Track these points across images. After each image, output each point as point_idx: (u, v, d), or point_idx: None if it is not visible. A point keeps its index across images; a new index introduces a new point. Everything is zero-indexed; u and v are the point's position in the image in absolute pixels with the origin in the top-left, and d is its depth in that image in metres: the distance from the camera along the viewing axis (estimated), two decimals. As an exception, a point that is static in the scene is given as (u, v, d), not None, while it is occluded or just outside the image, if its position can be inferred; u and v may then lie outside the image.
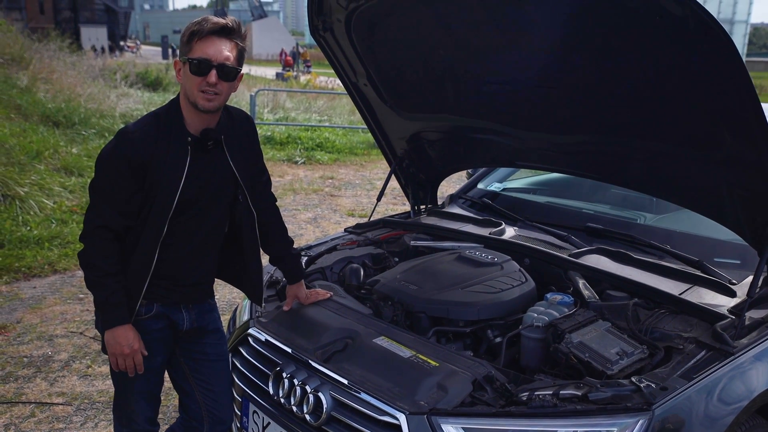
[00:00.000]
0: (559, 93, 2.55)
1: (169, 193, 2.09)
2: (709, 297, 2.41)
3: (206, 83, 2.03)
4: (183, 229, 2.17)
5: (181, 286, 2.25)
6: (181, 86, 2.11)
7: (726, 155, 2.17)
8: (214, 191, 2.20)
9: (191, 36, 2.05)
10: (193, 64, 2.03)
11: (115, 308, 2.12)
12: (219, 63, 2.04)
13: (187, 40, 2.06)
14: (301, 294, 2.55)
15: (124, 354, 2.13)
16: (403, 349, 2.19)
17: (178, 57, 2.12)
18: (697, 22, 1.81)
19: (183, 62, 2.07)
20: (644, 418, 1.82)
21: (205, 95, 2.05)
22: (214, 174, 2.18)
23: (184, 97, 2.11)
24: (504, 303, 2.45)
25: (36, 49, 16.14)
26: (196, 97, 2.06)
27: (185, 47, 2.07)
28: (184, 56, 2.07)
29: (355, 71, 3.10)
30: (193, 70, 2.03)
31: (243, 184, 2.26)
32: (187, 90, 2.08)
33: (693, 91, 2.08)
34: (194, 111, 2.10)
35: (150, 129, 2.09)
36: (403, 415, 1.92)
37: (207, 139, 2.14)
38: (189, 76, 2.05)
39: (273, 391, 2.28)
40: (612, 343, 2.16)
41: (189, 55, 2.04)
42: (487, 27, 2.47)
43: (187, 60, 2.04)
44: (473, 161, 3.55)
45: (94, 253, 2.10)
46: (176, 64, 2.11)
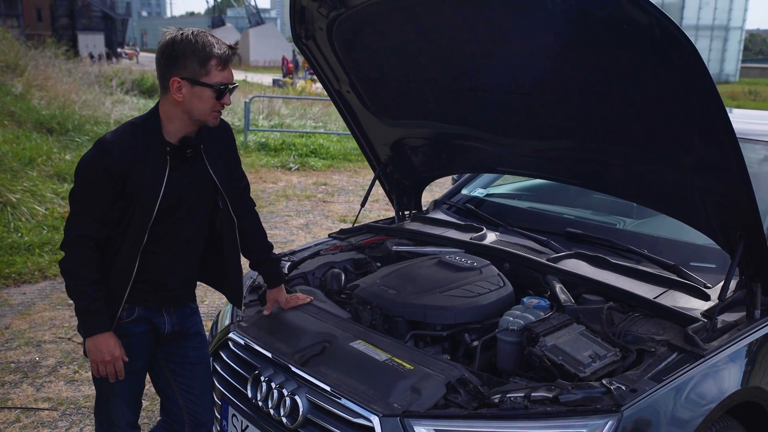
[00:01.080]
0: (538, 100, 2.58)
1: (149, 201, 2.11)
2: (683, 300, 2.44)
3: (221, 105, 2.12)
4: (164, 235, 2.19)
5: (162, 290, 2.27)
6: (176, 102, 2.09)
7: (696, 160, 2.21)
8: (194, 198, 2.22)
9: (209, 59, 2.06)
10: (220, 90, 2.09)
11: (95, 316, 2.14)
12: (233, 86, 2.14)
13: (202, 62, 2.05)
14: (281, 298, 2.58)
15: (105, 361, 2.15)
16: (379, 353, 2.21)
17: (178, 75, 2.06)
18: (662, 31, 1.85)
19: (194, 84, 2.06)
20: (613, 419, 1.85)
21: (216, 114, 2.15)
22: (194, 181, 2.21)
23: (178, 112, 2.11)
24: (481, 307, 2.48)
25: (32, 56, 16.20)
26: (207, 117, 2.12)
27: (199, 69, 2.05)
28: (196, 78, 2.06)
29: (338, 78, 3.13)
30: (217, 96, 2.09)
31: (223, 191, 2.28)
32: (194, 109, 2.10)
33: (663, 97, 2.11)
34: (187, 124, 2.14)
35: (128, 138, 2.10)
36: (377, 417, 1.95)
37: (186, 147, 2.16)
38: (205, 99, 2.08)
39: (251, 394, 2.30)
40: (585, 346, 2.19)
41: (207, 79, 2.06)
42: (465, 35, 2.51)
43: (209, 86, 2.06)
44: (456, 167, 3.59)
45: (75, 262, 2.12)
46: (175, 82, 2.06)
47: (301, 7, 2.81)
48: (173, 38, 2.07)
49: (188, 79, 2.06)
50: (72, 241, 2.12)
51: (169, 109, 2.13)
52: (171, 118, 2.13)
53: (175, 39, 2.07)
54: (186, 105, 2.09)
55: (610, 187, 2.81)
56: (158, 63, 2.12)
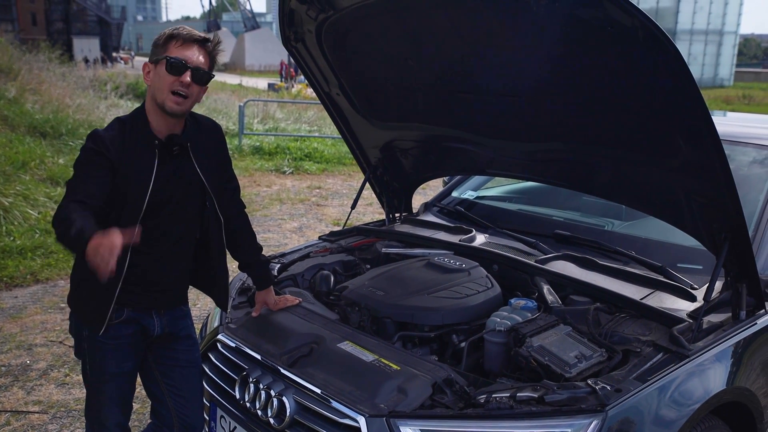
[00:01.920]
0: (527, 102, 2.59)
1: (138, 196, 2.12)
2: (670, 302, 2.45)
3: (179, 83, 2.08)
4: (153, 233, 2.18)
5: (152, 291, 2.27)
6: (149, 90, 2.15)
7: (682, 162, 2.22)
8: (181, 197, 2.23)
9: (168, 39, 2.11)
10: (170, 63, 2.07)
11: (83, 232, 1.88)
12: (194, 66, 2.11)
13: (163, 43, 2.12)
14: (270, 300, 2.58)
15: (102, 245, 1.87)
16: (366, 354, 2.22)
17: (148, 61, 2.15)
18: (645, 33, 1.86)
19: (155, 62, 2.11)
20: (597, 419, 1.86)
21: (175, 98, 2.10)
22: (181, 180, 2.22)
23: (151, 100, 2.15)
24: (469, 308, 2.49)
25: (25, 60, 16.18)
26: (165, 98, 2.10)
27: (160, 49, 2.11)
28: (156, 57, 2.11)
29: (327, 81, 3.14)
30: (168, 69, 2.08)
31: (210, 190, 2.29)
32: (156, 91, 2.12)
33: (648, 99, 2.13)
34: (161, 115, 2.14)
35: (116, 133, 2.12)
36: (363, 418, 1.95)
37: (172, 144, 2.18)
38: (162, 75, 2.09)
39: (239, 395, 2.31)
40: (571, 347, 2.19)
41: (164, 54, 2.09)
42: (453, 38, 2.52)
43: (163, 59, 2.08)
44: (445, 170, 3.60)
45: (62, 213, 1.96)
46: (145, 66, 2.15)
47: (290, 10, 2.82)
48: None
49: (152, 62, 2.13)
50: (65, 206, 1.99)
51: (148, 101, 2.17)
52: (150, 111, 2.16)
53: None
54: (152, 88, 2.13)
55: (599, 189, 2.83)
56: None
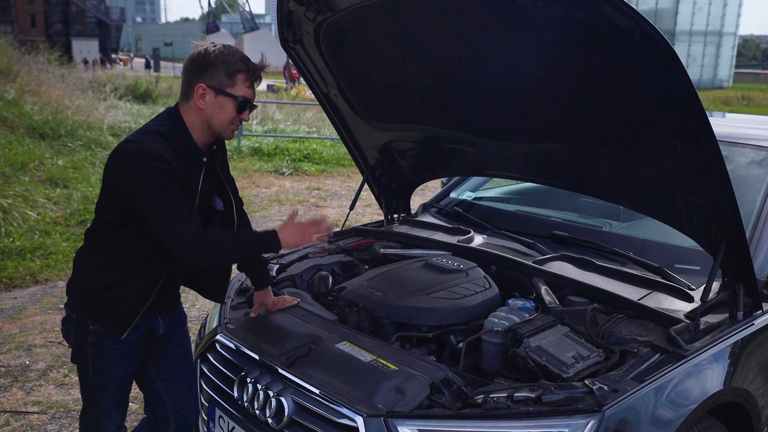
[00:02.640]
0: (525, 103, 2.60)
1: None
2: (667, 302, 2.46)
3: (239, 119, 2.16)
4: None
5: (165, 295, 2.30)
6: (200, 111, 2.13)
7: (678, 163, 2.23)
8: (204, 203, 2.27)
9: (237, 71, 2.11)
10: (240, 102, 2.13)
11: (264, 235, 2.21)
12: (253, 104, 2.20)
13: (230, 73, 2.11)
14: (268, 301, 2.59)
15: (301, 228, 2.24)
16: (364, 354, 2.22)
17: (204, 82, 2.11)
18: (641, 34, 1.87)
19: (218, 92, 2.11)
20: (595, 419, 1.86)
21: (233, 127, 2.19)
22: (208, 188, 2.27)
23: (202, 121, 2.15)
24: (466, 308, 2.49)
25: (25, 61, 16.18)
26: (225, 128, 2.17)
27: (224, 79, 2.10)
28: (222, 88, 2.11)
29: (325, 82, 3.15)
30: (237, 108, 2.13)
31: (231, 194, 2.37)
32: (213, 119, 2.14)
33: (644, 100, 2.14)
34: (208, 134, 2.18)
35: (167, 149, 2.09)
36: (361, 418, 1.95)
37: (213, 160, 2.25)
38: (226, 109, 2.13)
39: (238, 395, 2.31)
40: (569, 347, 2.20)
41: (231, 90, 2.11)
42: (451, 39, 2.53)
43: (232, 96, 2.11)
44: (443, 170, 3.61)
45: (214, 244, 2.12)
46: (200, 88, 2.11)
47: (288, 11, 2.83)
48: (206, 49, 2.12)
49: (213, 88, 2.11)
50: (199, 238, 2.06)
51: (192, 117, 2.16)
52: (194, 128, 2.17)
53: (208, 49, 2.12)
54: (207, 114, 2.14)
55: (596, 189, 2.83)
56: (186, 70, 2.15)
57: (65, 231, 6.62)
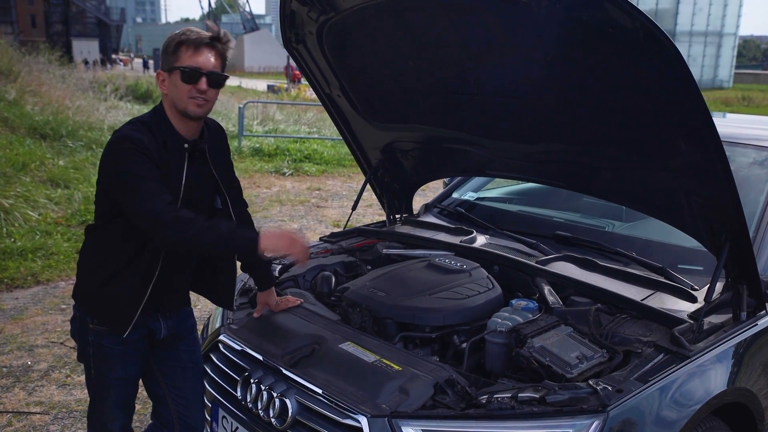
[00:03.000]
0: (528, 103, 2.60)
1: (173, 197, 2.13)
2: (670, 302, 2.45)
3: (196, 90, 2.10)
4: None
5: (163, 293, 2.27)
6: (166, 96, 2.15)
7: (682, 163, 2.23)
8: (199, 198, 2.25)
9: (178, 46, 2.10)
10: (185, 72, 2.08)
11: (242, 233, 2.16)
12: (208, 71, 2.11)
13: (173, 50, 2.11)
14: (272, 301, 2.59)
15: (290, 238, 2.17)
16: (367, 354, 2.22)
17: (161, 68, 2.15)
18: (646, 34, 1.87)
19: (169, 71, 2.11)
20: (599, 419, 1.86)
21: (195, 101, 2.11)
22: (200, 182, 2.24)
23: (171, 107, 2.15)
24: (470, 309, 2.49)
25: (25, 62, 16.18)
26: (186, 104, 2.11)
27: (171, 57, 2.11)
28: (169, 65, 2.10)
29: (328, 82, 3.15)
30: (184, 79, 2.09)
31: (224, 191, 2.33)
32: (175, 99, 2.12)
33: (648, 101, 2.14)
34: (182, 119, 2.16)
35: (148, 136, 2.09)
36: (365, 418, 1.95)
37: (195, 148, 2.21)
38: (178, 85, 2.10)
39: (241, 396, 2.31)
40: (572, 348, 2.20)
41: (178, 64, 2.09)
42: (454, 40, 2.53)
43: (177, 69, 2.09)
44: (446, 171, 3.61)
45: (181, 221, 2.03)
46: (159, 75, 2.15)
47: (291, 12, 2.83)
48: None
49: (165, 70, 2.12)
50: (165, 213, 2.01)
51: (167, 107, 2.17)
52: (172, 117, 2.16)
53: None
54: (170, 97, 2.13)
55: (599, 190, 2.83)
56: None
57: (66, 231, 6.62)
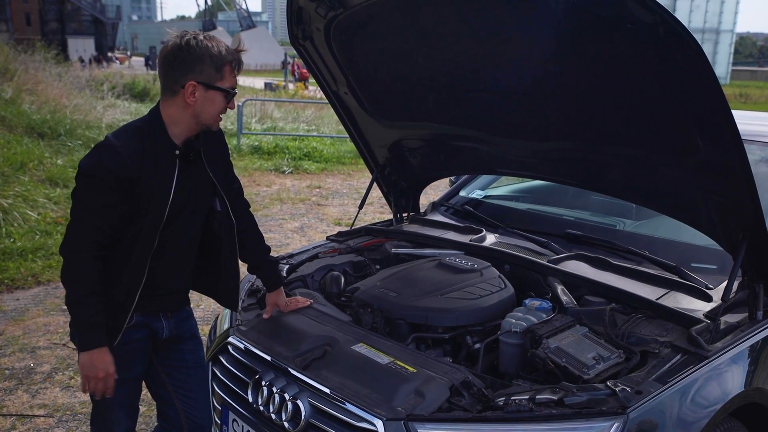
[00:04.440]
0: (538, 101, 2.57)
1: (159, 204, 2.09)
2: (685, 302, 2.42)
3: (227, 108, 2.16)
4: (169, 239, 2.17)
5: (161, 294, 2.24)
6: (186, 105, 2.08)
7: (699, 161, 2.20)
8: (196, 201, 2.21)
9: (224, 65, 2.08)
10: (230, 94, 2.12)
11: (94, 329, 2.07)
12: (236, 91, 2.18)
13: (218, 67, 2.07)
14: (281, 302, 2.55)
15: (98, 378, 2.08)
16: (381, 356, 2.19)
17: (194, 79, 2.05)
18: (666, 30, 1.84)
19: (208, 88, 2.07)
20: (619, 421, 1.83)
21: (221, 118, 2.18)
22: (196, 185, 2.20)
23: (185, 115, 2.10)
24: (483, 309, 2.46)
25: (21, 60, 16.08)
26: (214, 121, 2.15)
27: (215, 74, 2.06)
28: (211, 83, 2.06)
29: (335, 80, 3.11)
30: (228, 99, 2.12)
31: (222, 193, 2.28)
32: (204, 113, 2.11)
33: (665, 98, 2.10)
34: (191, 127, 2.13)
35: (135, 142, 2.06)
36: (381, 421, 1.92)
37: (189, 151, 2.16)
38: (216, 103, 2.10)
39: (252, 398, 2.27)
40: (589, 348, 2.17)
41: (220, 83, 2.08)
42: (465, 36, 2.50)
43: (222, 90, 2.09)
44: (454, 169, 3.57)
45: (78, 269, 2.03)
46: (190, 86, 2.05)
47: (299, 8, 2.79)
48: (187, 42, 2.04)
49: (203, 84, 2.06)
50: (75, 247, 2.03)
51: (176, 112, 2.10)
52: (176, 122, 2.11)
53: (189, 42, 2.04)
54: (196, 109, 2.09)
55: (611, 188, 2.80)
56: (168, 65, 2.07)
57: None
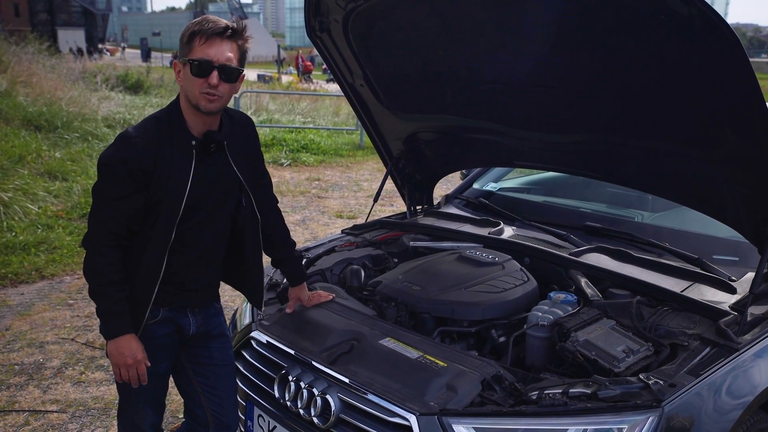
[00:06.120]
0: (558, 92, 2.55)
1: (176, 197, 2.06)
2: (710, 294, 2.42)
3: (207, 85, 2.00)
4: (190, 234, 2.14)
5: (188, 290, 2.22)
6: (182, 88, 2.08)
7: (728, 153, 2.19)
8: (219, 196, 2.17)
9: (192, 36, 2.01)
10: (194, 65, 1.99)
11: (118, 317, 2.07)
12: (220, 64, 2.00)
13: (187, 40, 2.02)
14: (304, 296, 2.53)
15: (128, 365, 2.08)
16: (410, 350, 2.18)
17: (177, 58, 2.08)
18: (703, 21, 1.82)
19: (183, 63, 2.03)
20: (654, 414, 1.83)
21: (207, 96, 2.02)
22: (218, 178, 2.16)
23: (184, 99, 2.08)
24: (508, 302, 2.45)
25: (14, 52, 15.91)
26: (198, 98, 2.02)
27: (185, 48, 2.02)
28: (183, 57, 2.02)
29: (351, 72, 3.09)
30: (194, 72, 1.99)
31: (247, 188, 2.24)
32: (188, 92, 2.04)
33: (695, 90, 2.09)
34: (196, 113, 2.07)
35: (152, 133, 2.04)
36: (414, 416, 1.91)
37: (209, 142, 2.11)
38: (190, 78, 2.01)
39: (279, 394, 2.25)
40: (617, 341, 2.16)
41: (189, 55, 2.00)
42: (486, 27, 2.47)
43: (187, 61, 2.00)
44: (470, 161, 3.56)
45: (98, 260, 2.04)
46: (175, 66, 2.07)
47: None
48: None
49: (180, 61, 2.04)
50: (93, 239, 2.05)
51: (182, 100, 2.09)
52: (185, 109, 2.09)
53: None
54: (184, 89, 2.06)
55: (632, 180, 2.79)
56: None
57: (68, 225, 6.52)
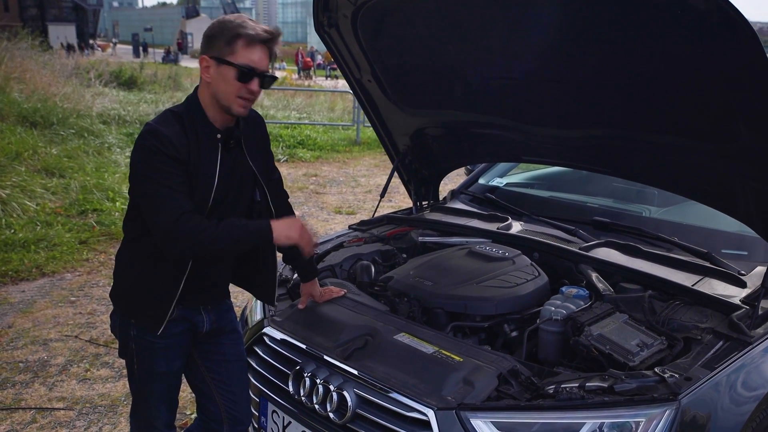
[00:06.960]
0: (567, 87, 2.55)
1: (204, 191, 2.05)
2: (720, 288, 2.44)
3: (247, 90, 2.01)
4: None
5: (203, 287, 2.21)
6: (207, 84, 2.04)
7: (741, 148, 2.20)
8: (237, 191, 2.17)
9: (235, 38, 1.97)
10: (241, 71, 1.98)
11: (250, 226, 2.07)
12: (261, 71, 2.01)
13: (228, 41, 1.97)
14: (316, 292, 2.53)
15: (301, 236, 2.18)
16: (425, 345, 2.18)
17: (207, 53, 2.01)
18: (721, 17, 1.82)
19: (219, 62, 1.99)
20: (671, 408, 1.84)
21: (243, 101, 2.03)
22: (235, 173, 2.15)
23: (208, 95, 2.05)
24: (520, 297, 2.46)
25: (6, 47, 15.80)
26: (231, 102, 2.02)
27: (224, 48, 1.98)
28: (221, 57, 1.98)
29: (359, 67, 3.08)
30: (239, 77, 1.99)
31: (263, 183, 2.24)
32: (219, 92, 2.02)
33: (708, 84, 2.10)
34: (221, 112, 2.06)
35: (178, 128, 2.01)
36: (432, 411, 1.91)
37: (230, 138, 2.11)
38: (228, 80, 1.99)
39: (293, 390, 2.26)
40: (631, 335, 2.18)
41: (231, 58, 1.97)
42: (495, 21, 2.47)
43: (232, 65, 1.98)
44: (477, 156, 3.56)
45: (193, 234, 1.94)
46: (204, 60, 2.02)
47: (327, -5, 2.76)
48: (218, 20, 2.03)
49: (215, 58, 2.00)
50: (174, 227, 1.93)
51: (203, 93, 2.07)
52: (207, 105, 2.07)
53: (215, 20, 2.04)
54: (213, 87, 2.03)
55: (641, 174, 2.80)
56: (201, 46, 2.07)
57: (67, 222, 6.50)
